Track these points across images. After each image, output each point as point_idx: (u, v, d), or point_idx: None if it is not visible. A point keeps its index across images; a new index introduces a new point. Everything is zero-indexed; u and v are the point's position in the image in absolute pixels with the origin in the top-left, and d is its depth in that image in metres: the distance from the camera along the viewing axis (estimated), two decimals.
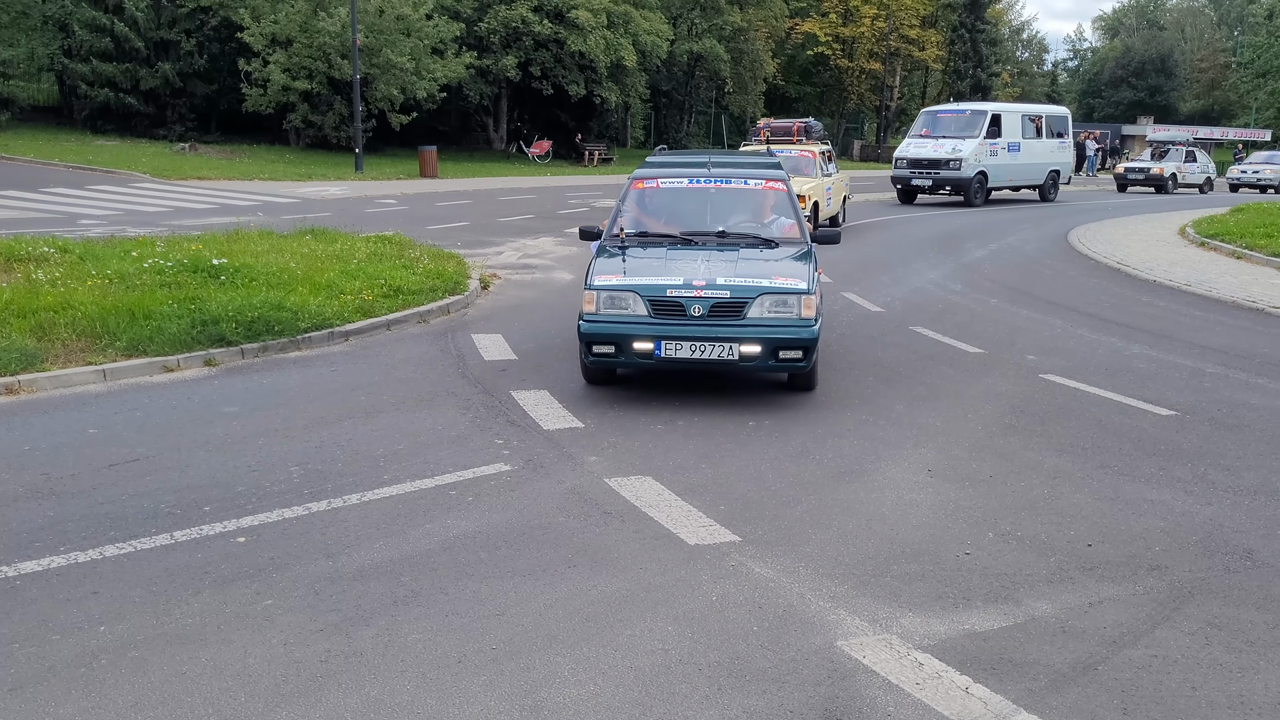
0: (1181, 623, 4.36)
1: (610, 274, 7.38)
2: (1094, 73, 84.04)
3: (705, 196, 8.48)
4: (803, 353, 7.18)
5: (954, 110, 28.97)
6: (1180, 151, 36.25)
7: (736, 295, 7.09)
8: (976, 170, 26.45)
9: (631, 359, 7.21)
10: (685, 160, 9.24)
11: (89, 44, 34.27)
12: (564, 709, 3.61)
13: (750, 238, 8.10)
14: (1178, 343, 10.26)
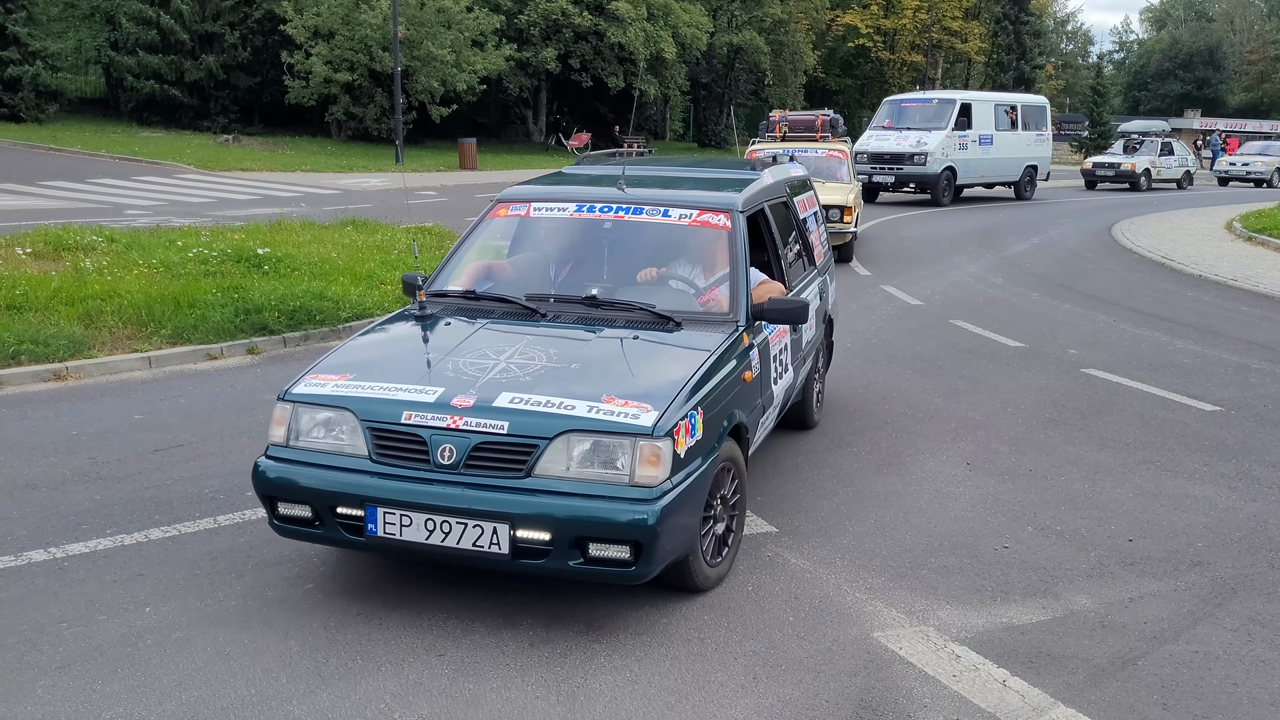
0: (1223, 619, 4.31)
1: (330, 373, 4.36)
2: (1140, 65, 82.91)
3: (596, 235, 5.40)
4: (632, 550, 3.81)
5: (920, 99, 26.42)
6: (1155, 144, 33.34)
7: (518, 432, 3.90)
8: (944, 166, 23.87)
9: (335, 533, 4.08)
10: (593, 174, 6.02)
11: (135, 36, 34.73)
12: (600, 695, 3.64)
13: (638, 309, 4.78)
14: (1223, 338, 10.12)
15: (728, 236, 5.16)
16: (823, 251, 7.15)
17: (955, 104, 24.73)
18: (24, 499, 5.27)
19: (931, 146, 23.57)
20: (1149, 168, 31.97)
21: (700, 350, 4.50)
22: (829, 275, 7.24)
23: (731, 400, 4.50)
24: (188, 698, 3.55)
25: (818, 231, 7.08)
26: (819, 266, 6.87)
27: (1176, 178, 33.42)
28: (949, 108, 24.68)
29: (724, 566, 4.55)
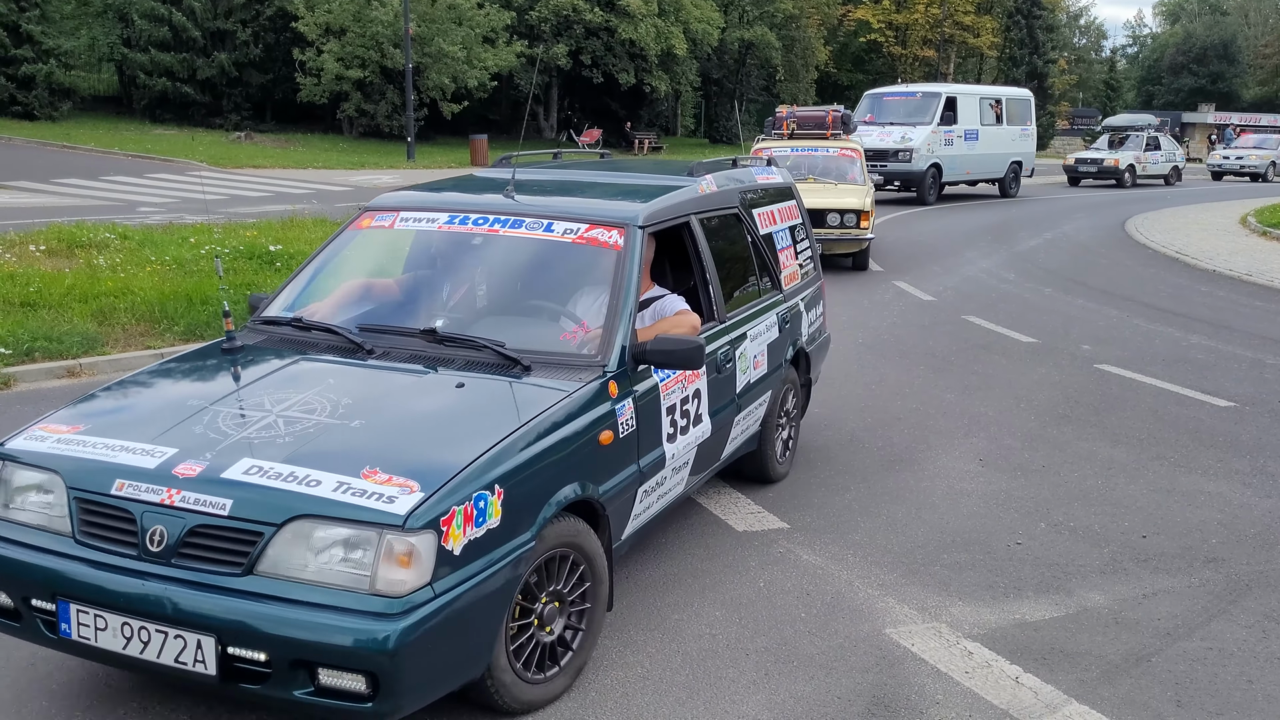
0: (1238, 615, 4.30)
1: (63, 423, 3.52)
2: (1154, 59, 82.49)
3: (464, 253, 4.58)
4: (367, 681, 2.92)
5: (903, 93, 25.08)
6: (1140, 138, 31.55)
7: (241, 514, 3.04)
8: (930, 162, 22.57)
9: (33, 630, 3.22)
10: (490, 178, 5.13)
11: (148, 34, 34.84)
12: (612, 690, 3.64)
13: (483, 347, 3.86)
14: (1237, 333, 10.07)
15: (616, 258, 4.15)
16: (798, 273, 6.01)
17: (940, 98, 23.37)
18: None
19: (917, 142, 22.27)
20: (1133, 163, 30.57)
21: (530, 405, 3.50)
22: (806, 301, 6.06)
23: (568, 470, 3.50)
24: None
25: (793, 249, 6.01)
26: (787, 291, 5.72)
27: (1164, 173, 32.02)
28: (933, 102, 23.33)
29: (556, 684, 3.52)
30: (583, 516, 3.64)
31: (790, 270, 5.87)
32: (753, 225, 5.48)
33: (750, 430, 5.24)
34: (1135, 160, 30.50)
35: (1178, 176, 32.52)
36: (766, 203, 5.76)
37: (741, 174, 5.66)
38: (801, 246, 6.19)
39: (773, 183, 6.04)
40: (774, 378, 5.38)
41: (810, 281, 6.29)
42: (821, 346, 6.46)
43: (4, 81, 30.89)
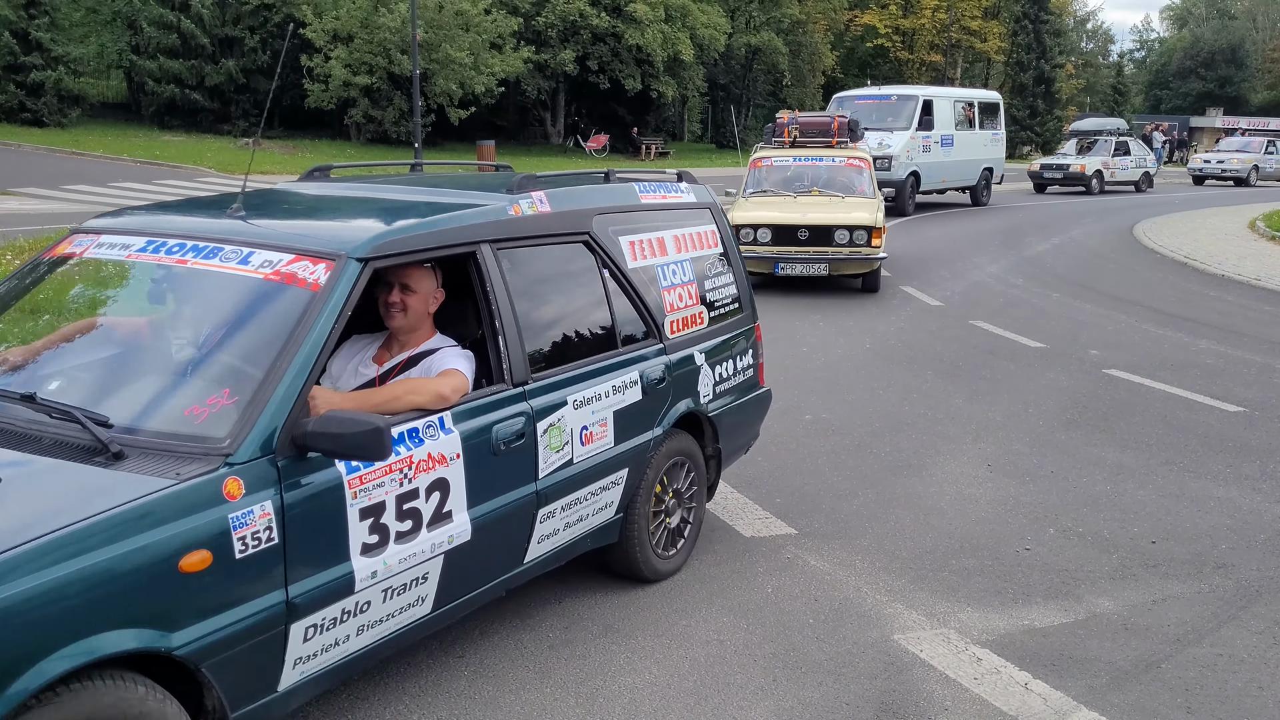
0: (1248, 621, 4.27)
1: None
2: (1161, 64, 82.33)
3: (140, 289, 3.70)
4: None
5: (876, 95, 23.10)
6: (1109, 143, 29.74)
7: None
8: (909, 170, 20.92)
9: None
10: (230, 195, 3.91)
11: (156, 41, 34.95)
12: (619, 697, 3.63)
13: (81, 421, 2.84)
14: (1246, 338, 10.04)
15: (308, 301, 3.15)
16: (700, 316, 4.75)
17: (917, 101, 21.71)
18: None
19: (896, 149, 20.56)
20: (1101, 169, 28.75)
21: (63, 514, 2.52)
22: (714, 351, 4.79)
23: (106, 611, 2.48)
24: None
25: (693, 286, 4.73)
26: (674, 340, 4.52)
27: (1134, 179, 30.23)
28: (910, 105, 21.64)
29: None
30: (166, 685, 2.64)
31: (685, 313, 4.63)
32: (613, 257, 4.28)
33: (593, 523, 4.11)
34: (1103, 166, 28.91)
35: (1148, 183, 30.81)
36: (650, 228, 4.56)
37: (604, 191, 4.52)
38: (715, 283, 4.94)
39: (670, 202, 4.80)
40: (634, 452, 4.21)
41: (727, 327, 4.95)
42: (745, 409, 5.10)
43: (13, 88, 30.99)
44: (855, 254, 11.54)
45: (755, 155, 13.37)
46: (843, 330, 9.99)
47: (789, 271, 11.57)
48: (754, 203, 12.28)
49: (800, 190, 12.47)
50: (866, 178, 12.73)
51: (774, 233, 11.54)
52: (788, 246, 11.52)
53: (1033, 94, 53.85)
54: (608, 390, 4.08)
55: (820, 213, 11.68)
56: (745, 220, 11.59)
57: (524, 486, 3.68)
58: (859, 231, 11.46)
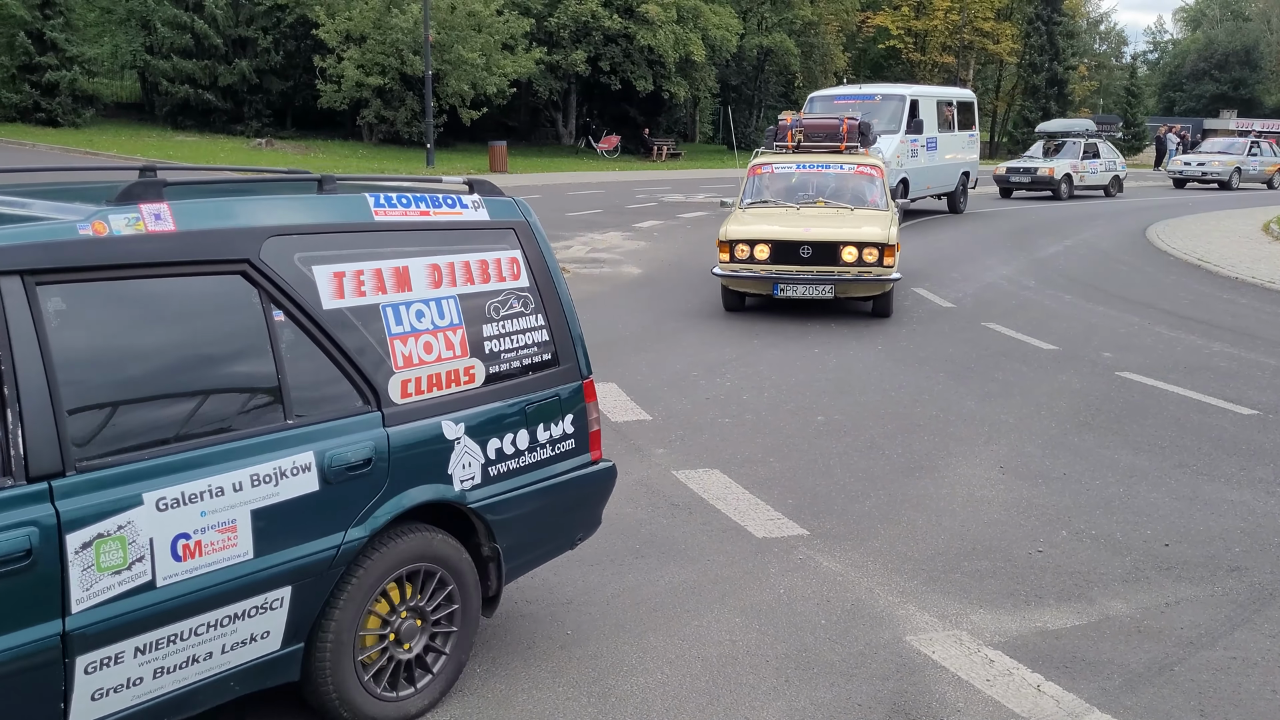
0: (1262, 625, 4.26)
1: None
2: (1175, 65, 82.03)
3: None
4: None
5: (858, 95, 20.62)
6: (1078, 145, 27.77)
7: None
8: (900, 177, 18.72)
9: None
10: None
11: (170, 41, 35.12)
12: (631, 697, 3.64)
13: None
14: (1260, 341, 10.00)
15: None
16: (469, 373, 3.58)
17: (905, 101, 19.66)
18: None
19: (886, 154, 17.97)
20: (1070, 173, 26.85)
21: None
22: (489, 420, 3.61)
23: None
24: None
25: (456, 333, 3.55)
26: (406, 406, 3.37)
27: (1103, 184, 28.31)
28: (897, 106, 19.55)
29: None
30: None
31: (434, 369, 3.47)
32: (294, 293, 3.17)
33: (233, 661, 3.04)
34: (1072, 169, 26.96)
35: (1118, 187, 28.92)
36: (381, 255, 3.41)
37: (296, 205, 3.36)
38: (508, 328, 3.73)
39: (434, 221, 3.62)
40: (301, 565, 3.09)
41: (522, 387, 3.74)
42: (552, 494, 3.83)
43: (28, 88, 31.19)
44: (864, 274, 10.06)
45: (754, 161, 11.90)
46: (854, 331, 9.98)
47: (790, 294, 10.14)
48: (752, 215, 10.88)
49: (804, 201, 11.18)
50: (879, 187, 11.27)
51: (773, 250, 10.07)
52: (788, 265, 10.07)
53: (1045, 96, 53.71)
54: (238, 482, 2.95)
55: (826, 227, 10.30)
56: (741, 235, 10.16)
57: (31, 628, 2.58)
58: (869, 249, 9.96)
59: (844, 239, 10.05)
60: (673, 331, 9.88)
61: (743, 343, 9.43)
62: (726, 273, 10.22)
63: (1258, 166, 33.32)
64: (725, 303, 10.77)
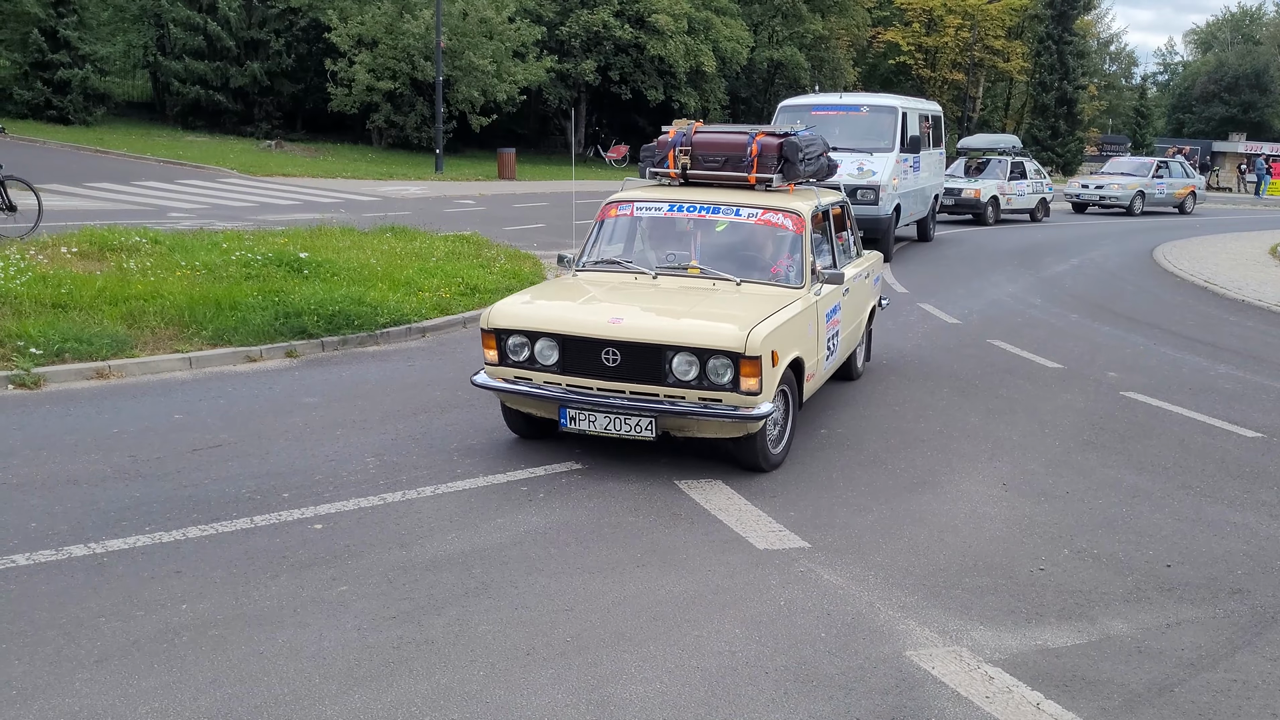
0: (1263, 648, 4.25)
1: None
2: (1185, 87, 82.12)
3: None
4: None
5: (841, 105, 17.64)
6: (1003, 165, 25.37)
7: None
8: (895, 203, 16.36)
9: None
10: None
11: (182, 42, 35.30)
12: (630, 705, 3.63)
13: None
14: (1266, 364, 9.99)
15: None
16: None
17: (897, 114, 16.93)
18: (65, 494, 5.34)
19: (883, 176, 15.85)
20: (997, 195, 24.54)
21: None
22: None
23: None
24: (221, 695, 3.58)
25: None
26: None
27: (1029, 207, 26.03)
28: (888, 119, 16.90)
29: None
30: None
31: None
32: None
33: None
34: (999, 191, 24.68)
35: (1044, 211, 26.79)
36: None
37: None
38: None
39: None
40: None
41: None
42: None
43: (40, 86, 31.31)
44: (709, 404, 5.75)
45: (611, 199, 7.35)
46: None
47: (585, 426, 5.88)
48: (573, 285, 6.81)
49: (667, 267, 6.84)
50: (791, 249, 6.74)
51: (562, 350, 5.95)
52: (586, 379, 5.92)
53: (1055, 115, 53.76)
54: None
55: (655, 316, 6.03)
56: (512, 321, 6.08)
57: None
58: (717, 360, 5.70)
59: (672, 340, 5.74)
60: None
61: None
62: (492, 381, 6.19)
63: (1165, 190, 30.64)
64: (509, 422, 6.61)
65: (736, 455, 6.15)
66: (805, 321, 6.43)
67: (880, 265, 9.16)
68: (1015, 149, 26.81)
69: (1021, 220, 25.71)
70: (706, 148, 7.31)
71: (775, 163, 7.15)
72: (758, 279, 6.65)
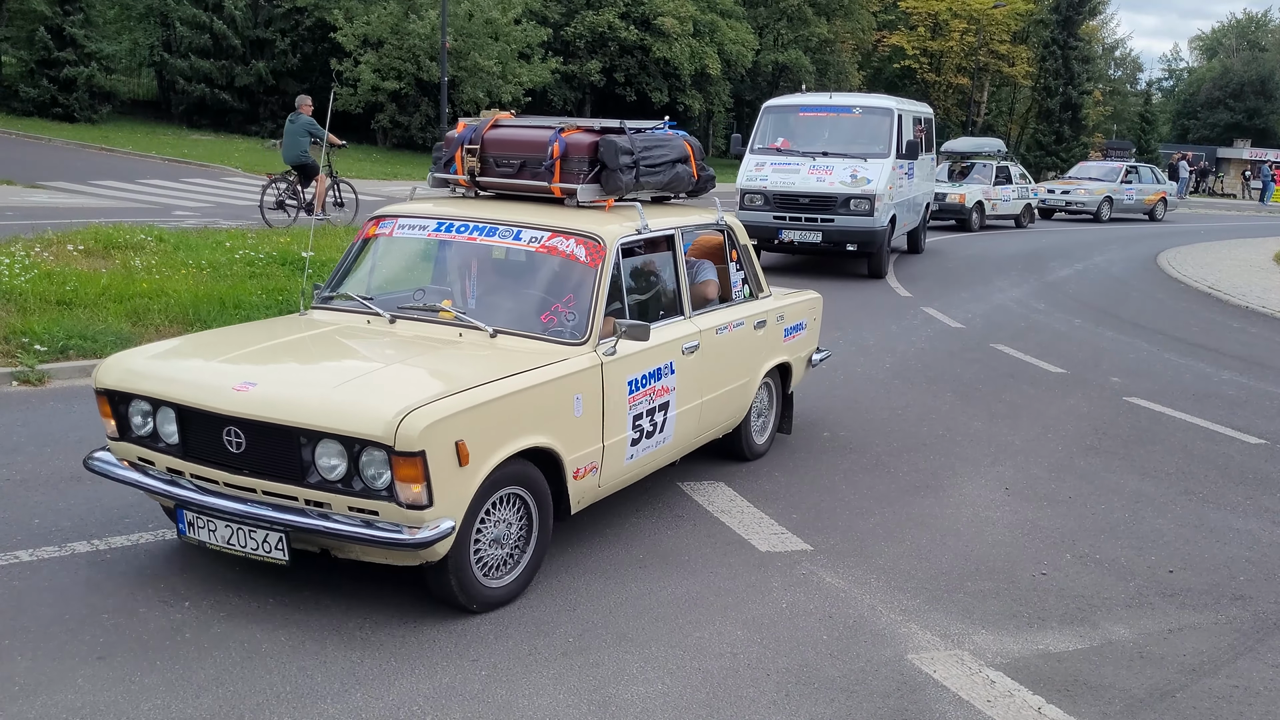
0: (1265, 654, 4.25)
1: None
2: (1190, 93, 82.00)
3: None
4: None
5: (830, 107, 15.93)
6: (989, 169, 24.44)
7: None
8: (890, 214, 14.92)
9: None
10: None
11: (188, 40, 35.32)
12: (631, 706, 3.64)
13: None
14: (1270, 370, 9.98)
15: None
16: None
17: (893, 117, 15.27)
18: (69, 491, 5.35)
19: (878, 185, 14.37)
20: (982, 200, 23.65)
21: None
22: None
23: None
24: (224, 692, 3.59)
25: None
26: None
27: (1015, 213, 25.23)
28: (884, 122, 15.28)
29: None
30: None
31: None
32: None
33: None
34: (984, 196, 23.80)
35: (1030, 217, 26.03)
36: None
37: None
38: None
39: None
40: None
41: None
42: None
43: (46, 83, 31.33)
44: (364, 518, 3.93)
45: (375, 214, 5.56)
46: (863, 349, 9.98)
47: (204, 539, 4.21)
48: (247, 333, 5.30)
49: (411, 306, 5.06)
50: (572, 286, 4.89)
51: (181, 425, 4.22)
52: (211, 468, 4.18)
53: (1059, 120, 53.73)
54: None
55: (296, 387, 4.24)
56: (133, 383, 4.36)
57: None
58: (370, 454, 3.87)
59: (306, 421, 3.92)
60: None
61: None
62: (108, 464, 4.53)
63: (1134, 195, 29.63)
64: None
65: (433, 589, 4.25)
66: (562, 394, 4.48)
67: (815, 308, 7.10)
68: (1000, 152, 25.80)
69: (1007, 226, 25.08)
70: (499, 147, 5.46)
71: (587, 168, 5.27)
72: (520, 329, 4.78)
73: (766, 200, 14.68)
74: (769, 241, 14.60)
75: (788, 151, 15.10)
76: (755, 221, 14.17)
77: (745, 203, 14.83)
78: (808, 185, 14.47)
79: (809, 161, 14.78)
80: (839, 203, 14.30)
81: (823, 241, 14.49)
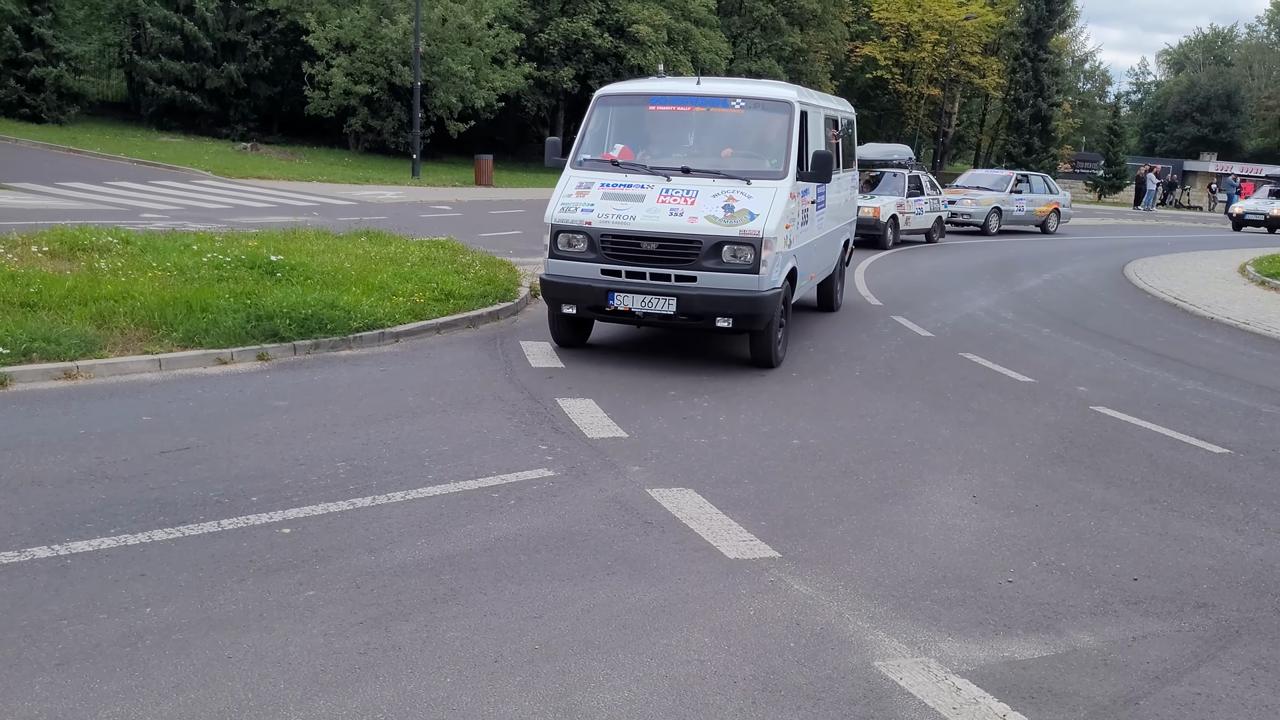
0: (1227, 662, 4.29)
1: None
2: (1157, 107, 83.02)
3: None
4: None
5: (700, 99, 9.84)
6: (900, 180, 22.07)
7: None
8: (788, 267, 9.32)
9: None
10: None
11: (159, 41, 35.07)
12: (598, 713, 3.62)
13: None
14: (1233, 381, 10.09)
15: None
16: None
17: (792, 114, 9.54)
18: (29, 495, 5.27)
19: (767, 223, 8.72)
20: (896, 214, 21.43)
21: None
22: None
23: None
24: (185, 700, 3.54)
25: None
26: None
27: (926, 227, 23.15)
28: (776, 123, 9.58)
29: None
30: None
31: None
32: None
33: None
34: (898, 210, 21.55)
35: (941, 231, 24.13)
36: None
37: None
38: None
39: None
40: None
41: None
42: None
43: (13, 84, 31.02)
44: None
45: None
46: (833, 357, 10.01)
47: None
48: None
49: None
50: None
51: None
52: None
53: (1029, 131, 54.27)
54: None
55: None
56: None
57: None
58: None
59: None
60: (651, 349, 9.88)
61: (721, 364, 9.44)
62: None
63: (1025, 206, 27.92)
64: None
65: None
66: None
67: None
68: (910, 160, 23.22)
69: (917, 241, 23.15)
70: None
71: None
72: None
73: (591, 244, 8.93)
74: (597, 309, 9.08)
75: (629, 167, 9.46)
76: (572, 277, 8.98)
77: (558, 248, 9.07)
78: (656, 222, 8.78)
79: (661, 183, 9.09)
80: (704, 251, 8.70)
81: (677, 313, 8.76)
